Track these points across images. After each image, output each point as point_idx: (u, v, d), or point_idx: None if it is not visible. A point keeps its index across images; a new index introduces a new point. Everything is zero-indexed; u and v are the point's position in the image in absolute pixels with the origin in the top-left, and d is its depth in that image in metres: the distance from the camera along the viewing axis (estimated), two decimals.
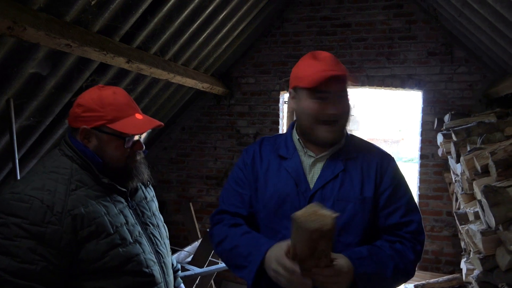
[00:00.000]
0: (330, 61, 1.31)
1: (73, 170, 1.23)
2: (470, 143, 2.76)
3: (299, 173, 1.36)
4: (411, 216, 1.35)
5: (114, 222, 1.23)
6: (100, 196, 1.24)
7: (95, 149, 1.26)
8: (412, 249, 1.31)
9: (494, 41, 3.08)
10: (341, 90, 1.31)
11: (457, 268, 3.77)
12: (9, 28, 1.82)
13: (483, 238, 2.15)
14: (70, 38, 2.15)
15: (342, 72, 1.29)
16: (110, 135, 1.25)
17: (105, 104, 1.25)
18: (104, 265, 1.18)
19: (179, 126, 4.77)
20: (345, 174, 1.35)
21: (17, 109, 2.50)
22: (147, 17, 2.72)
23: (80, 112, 1.25)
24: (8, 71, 2.24)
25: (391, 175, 1.37)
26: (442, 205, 4.00)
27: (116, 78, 3.05)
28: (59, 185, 1.18)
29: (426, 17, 3.98)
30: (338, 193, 1.32)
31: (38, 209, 1.11)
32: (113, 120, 1.25)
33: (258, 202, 1.40)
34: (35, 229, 1.09)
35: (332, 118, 1.30)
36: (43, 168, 1.23)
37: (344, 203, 1.32)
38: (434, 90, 4.02)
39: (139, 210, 1.37)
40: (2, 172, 2.86)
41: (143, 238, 1.31)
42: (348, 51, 4.20)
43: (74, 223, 1.15)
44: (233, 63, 4.50)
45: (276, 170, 1.39)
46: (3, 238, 1.08)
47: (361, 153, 1.39)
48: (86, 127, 1.24)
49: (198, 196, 4.73)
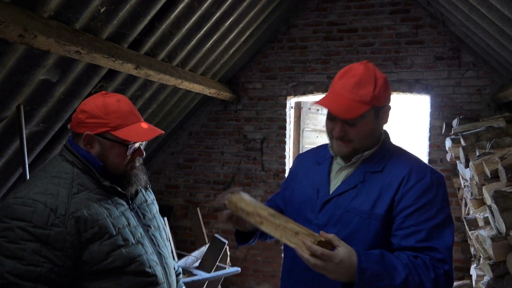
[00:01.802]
0: (345, 87, 1.27)
1: (74, 175, 1.25)
2: (479, 148, 2.74)
3: (323, 178, 1.39)
4: (433, 243, 1.19)
5: (117, 224, 1.25)
6: (102, 199, 1.26)
7: (97, 154, 1.29)
8: (434, 268, 1.17)
9: (502, 46, 3.07)
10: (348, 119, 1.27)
11: (467, 274, 3.72)
12: (20, 36, 1.85)
13: (493, 244, 2.13)
14: (80, 45, 2.17)
15: (341, 109, 1.25)
16: (113, 141, 1.28)
17: (110, 112, 1.27)
18: (107, 265, 1.20)
19: (186, 131, 4.79)
20: (364, 186, 1.30)
21: (27, 115, 2.54)
22: (155, 24, 2.75)
23: (84, 118, 1.27)
24: (19, 77, 2.27)
25: (418, 193, 1.24)
26: (451, 210, 3.96)
27: (125, 84, 3.08)
28: (61, 189, 1.20)
29: (433, 21, 3.98)
30: (349, 203, 1.30)
31: (41, 212, 1.13)
32: (117, 128, 1.27)
33: (287, 200, 1.52)
34: (39, 231, 1.12)
35: (339, 137, 1.31)
36: (45, 173, 1.25)
37: (351, 215, 1.29)
38: (442, 95, 4.00)
39: (140, 213, 1.39)
40: (12, 177, 2.89)
41: (145, 239, 1.33)
42: (355, 56, 4.20)
43: (78, 225, 1.17)
44: (240, 68, 4.52)
45: (310, 174, 1.45)
46: (8, 241, 1.10)
47: (390, 166, 1.31)
48: (90, 133, 1.26)
49: (206, 201, 4.74)
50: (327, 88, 3.80)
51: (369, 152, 1.34)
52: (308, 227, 1.19)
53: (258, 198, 4.49)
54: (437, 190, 1.26)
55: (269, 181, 4.51)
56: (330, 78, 4.28)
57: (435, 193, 1.25)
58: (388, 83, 1.33)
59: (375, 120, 1.31)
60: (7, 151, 2.66)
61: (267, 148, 4.52)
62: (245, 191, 1.43)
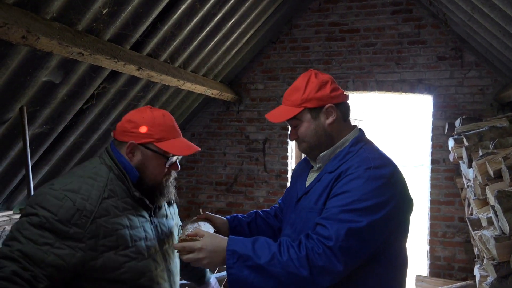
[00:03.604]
0: (284, 96, 1.50)
1: (109, 179, 1.30)
2: (482, 148, 2.73)
3: (302, 183, 1.54)
4: (326, 222, 1.26)
5: (134, 236, 1.29)
6: (127, 208, 1.31)
7: (138, 163, 1.34)
8: (317, 244, 1.23)
9: (505, 45, 3.06)
10: (291, 123, 1.48)
11: (470, 275, 3.71)
12: (23, 38, 1.86)
13: (496, 244, 2.12)
14: (82, 47, 2.18)
15: (275, 115, 1.49)
16: (155, 152, 1.33)
17: (156, 124, 1.33)
18: (119, 276, 1.24)
19: (188, 132, 4.79)
20: (316, 185, 1.42)
21: (30, 117, 2.54)
22: (157, 25, 2.75)
23: (130, 128, 1.33)
24: (21, 79, 2.28)
25: (343, 183, 1.32)
26: (454, 210, 3.95)
27: (127, 86, 3.08)
28: (94, 191, 1.25)
29: (435, 21, 3.97)
30: (303, 202, 1.45)
31: (68, 209, 1.19)
32: (160, 140, 1.33)
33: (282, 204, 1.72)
34: (60, 226, 1.17)
35: (292, 139, 1.52)
36: (83, 172, 1.31)
37: (304, 211, 1.42)
38: (444, 95, 3.99)
39: (159, 227, 1.43)
40: (15, 179, 2.90)
41: (158, 255, 1.37)
42: (357, 56, 4.20)
43: (98, 231, 1.22)
44: (242, 69, 4.53)
45: (297, 179, 1.60)
46: (30, 223, 1.17)
47: (341, 166, 1.38)
48: (134, 142, 1.32)
49: (208, 202, 4.74)
50: None
51: (325, 153, 1.46)
52: (287, 226, 1.49)
53: (261, 199, 4.50)
54: (365, 182, 1.28)
55: (271, 182, 4.51)
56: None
57: (359, 184, 1.28)
58: (326, 85, 1.44)
59: (314, 120, 1.44)
60: (10, 153, 2.67)
61: (270, 149, 4.52)
62: (247, 192, 1.50)
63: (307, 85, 1.43)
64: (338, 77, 4.24)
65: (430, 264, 4.01)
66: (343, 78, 4.24)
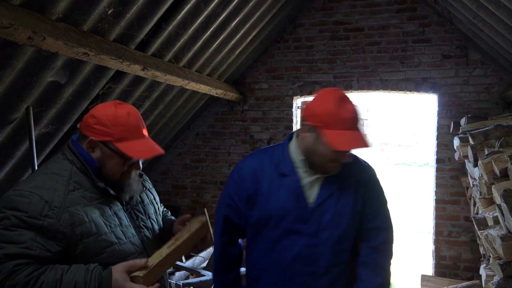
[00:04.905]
0: (354, 122, 1.43)
1: (72, 173, 1.31)
2: (488, 147, 2.72)
3: (299, 190, 1.51)
4: (386, 223, 1.62)
5: (108, 223, 1.31)
6: (96, 198, 1.32)
7: (97, 159, 1.34)
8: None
9: (510, 43, 3.04)
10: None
11: (476, 274, 3.69)
12: (29, 38, 1.87)
13: (503, 243, 2.11)
14: (88, 47, 2.19)
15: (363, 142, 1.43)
16: (113, 152, 1.32)
17: (117, 124, 1.31)
18: (101, 261, 1.26)
19: (193, 132, 4.80)
20: (341, 192, 1.52)
21: (36, 117, 2.56)
22: (162, 25, 2.76)
23: (92, 123, 1.32)
24: (27, 80, 2.29)
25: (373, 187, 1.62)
26: (460, 209, 3.94)
27: (132, 85, 3.09)
28: (59, 185, 1.27)
29: (440, 19, 3.95)
30: (335, 208, 1.51)
31: (37, 204, 1.20)
32: (120, 140, 1.31)
33: (256, 215, 1.54)
34: (33, 221, 1.19)
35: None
36: (45, 170, 1.33)
37: (340, 217, 1.51)
38: (449, 93, 3.97)
39: (133, 214, 1.44)
40: (21, 179, 2.92)
41: (136, 239, 1.39)
42: (362, 55, 4.19)
43: (72, 219, 1.23)
44: (246, 69, 4.53)
45: (277, 186, 1.52)
46: (4, 229, 1.18)
47: (351, 171, 1.56)
48: (94, 139, 1.32)
49: (213, 201, 4.75)
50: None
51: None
52: (299, 238, 1.48)
53: None
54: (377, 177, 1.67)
55: None
56: (337, 77, 4.27)
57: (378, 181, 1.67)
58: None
59: None
60: (16, 153, 2.69)
61: None
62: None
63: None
64: (343, 76, 4.24)
65: (435, 263, 4.00)
66: (348, 77, 4.23)
